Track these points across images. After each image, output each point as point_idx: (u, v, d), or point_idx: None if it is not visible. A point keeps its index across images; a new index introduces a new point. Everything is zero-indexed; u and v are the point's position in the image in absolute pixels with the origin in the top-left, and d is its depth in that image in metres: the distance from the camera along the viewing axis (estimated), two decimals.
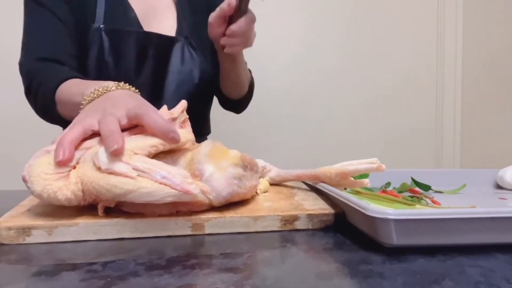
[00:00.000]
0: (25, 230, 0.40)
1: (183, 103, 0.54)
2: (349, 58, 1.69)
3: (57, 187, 0.40)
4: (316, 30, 1.66)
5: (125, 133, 0.47)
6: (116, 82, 0.56)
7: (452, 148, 1.79)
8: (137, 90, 0.58)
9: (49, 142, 0.47)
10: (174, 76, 0.86)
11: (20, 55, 0.79)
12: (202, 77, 0.88)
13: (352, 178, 0.52)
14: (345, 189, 0.58)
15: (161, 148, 0.45)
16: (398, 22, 1.72)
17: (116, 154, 0.41)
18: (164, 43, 0.84)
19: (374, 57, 1.70)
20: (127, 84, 0.57)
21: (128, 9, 0.83)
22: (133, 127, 0.48)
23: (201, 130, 0.96)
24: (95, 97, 0.54)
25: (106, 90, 0.55)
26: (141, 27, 0.83)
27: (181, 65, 0.86)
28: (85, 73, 0.78)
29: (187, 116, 0.54)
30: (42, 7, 0.78)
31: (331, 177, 0.52)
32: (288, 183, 0.61)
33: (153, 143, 0.44)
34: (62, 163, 0.41)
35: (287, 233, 0.43)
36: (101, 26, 0.79)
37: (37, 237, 0.40)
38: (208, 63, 0.90)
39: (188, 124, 0.54)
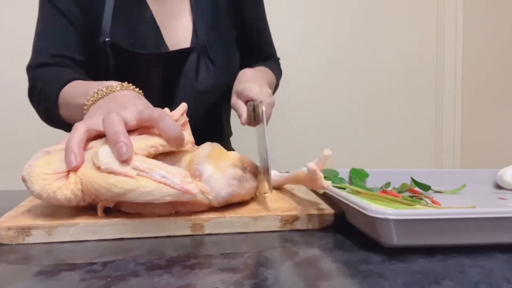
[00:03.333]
0: (25, 230, 0.40)
1: (183, 106, 0.54)
2: (348, 56, 1.68)
3: (56, 186, 0.40)
4: (315, 31, 1.66)
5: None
6: (120, 83, 0.55)
7: (452, 148, 1.79)
8: (140, 91, 0.57)
9: (49, 142, 0.47)
10: (187, 91, 0.79)
11: (30, 59, 0.76)
12: (219, 90, 0.82)
13: (322, 181, 0.45)
14: (344, 189, 0.58)
15: (160, 149, 0.45)
16: (398, 21, 1.72)
17: (125, 161, 0.40)
18: (176, 58, 0.77)
19: (374, 56, 1.70)
20: (130, 84, 0.56)
21: (144, 6, 0.77)
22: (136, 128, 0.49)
23: (221, 135, 0.93)
24: (99, 98, 0.53)
25: (110, 90, 0.53)
26: (157, 28, 0.77)
27: (196, 80, 0.79)
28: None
29: (187, 119, 0.54)
30: (54, 8, 0.75)
31: (304, 180, 0.48)
32: (288, 184, 0.61)
33: (153, 143, 0.44)
34: (76, 169, 0.41)
35: (287, 233, 0.43)
36: (107, 40, 0.72)
37: (37, 237, 0.40)
38: (227, 74, 0.82)
39: (188, 127, 0.54)
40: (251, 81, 0.71)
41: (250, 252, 0.37)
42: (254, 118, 0.65)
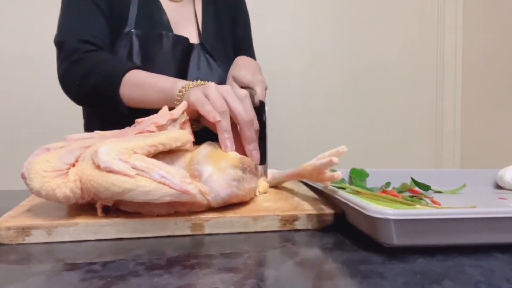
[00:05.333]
0: (25, 230, 0.40)
1: (184, 104, 0.54)
2: (348, 57, 1.68)
3: (55, 184, 0.40)
4: (314, 30, 1.66)
5: (129, 132, 0.47)
6: (202, 81, 0.62)
7: (452, 148, 1.78)
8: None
9: (48, 141, 0.47)
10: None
11: (58, 34, 0.80)
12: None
13: (329, 172, 0.49)
14: (344, 189, 0.58)
15: (160, 148, 0.45)
16: (398, 21, 1.72)
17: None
18: (186, 48, 0.87)
19: (373, 56, 1.70)
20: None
21: (162, 12, 0.87)
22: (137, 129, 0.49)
23: None
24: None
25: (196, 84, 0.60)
26: (171, 30, 0.87)
27: (197, 71, 0.88)
28: None
29: (188, 117, 0.54)
30: None
31: (311, 174, 0.50)
32: (288, 184, 0.61)
33: (153, 142, 0.44)
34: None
35: (287, 233, 0.43)
36: (132, 30, 0.82)
37: (37, 237, 0.40)
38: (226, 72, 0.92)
39: (188, 125, 0.54)
40: (245, 68, 0.77)
41: (250, 252, 0.37)
42: None
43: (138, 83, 0.70)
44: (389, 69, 1.72)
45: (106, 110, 0.77)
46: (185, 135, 0.49)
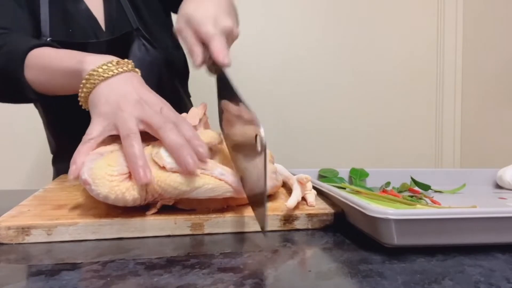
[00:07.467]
0: (25, 230, 0.40)
1: (204, 105, 0.55)
2: (348, 57, 1.68)
3: (125, 188, 0.40)
4: (315, 32, 1.66)
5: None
6: (115, 60, 0.50)
7: (452, 148, 1.78)
8: (137, 70, 0.53)
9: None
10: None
11: None
12: (162, 68, 0.81)
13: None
14: (344, 188, 0.58)
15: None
16: (398, 21, 1.72)
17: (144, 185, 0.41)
18: (117, 44, 0.76)
19: (373, 55, 1.70)
20: (126, 60, 0.52)
21: (78, 1, 0.77)
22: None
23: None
24: (97, 82, 0.48)
25: (106, 74, 0.48)
26: (94, 19, 0.78)
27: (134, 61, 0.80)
28: None
29: (208, 117, 0.55)
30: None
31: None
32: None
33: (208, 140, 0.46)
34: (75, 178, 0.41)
35: (287, 232, 0.43)
36: (48, 40, 0.71)
37: (37, 236, 0.40)
38: (167, 52, 0.83)
39: (208, 125, 0.56)
40: (202, 5, 0.55)
41: (250, 252, 0.37)
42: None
43: (43, 64, 0.59)
44: (389, 69, 1.72)
45: (19, 101, 0.67)
46: (210, 134, 0.50)
